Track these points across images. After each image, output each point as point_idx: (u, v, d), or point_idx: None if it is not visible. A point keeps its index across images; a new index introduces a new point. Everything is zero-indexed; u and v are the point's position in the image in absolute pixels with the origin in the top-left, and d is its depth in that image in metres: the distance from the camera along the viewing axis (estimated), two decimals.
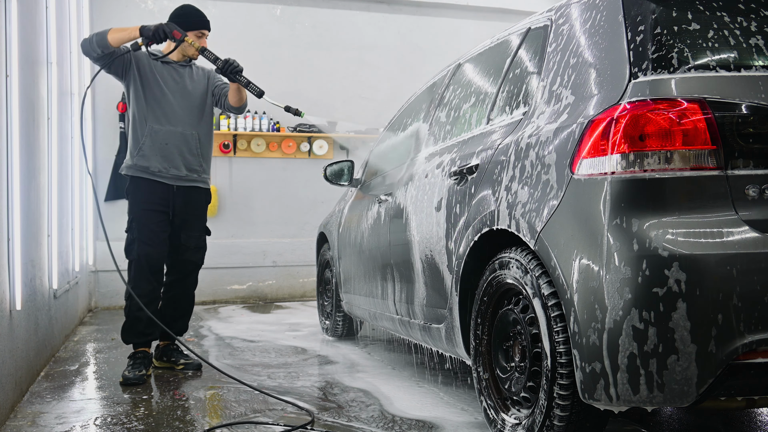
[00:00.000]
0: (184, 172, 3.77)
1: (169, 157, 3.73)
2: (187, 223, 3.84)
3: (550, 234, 2.09)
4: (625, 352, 1.86)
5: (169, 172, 3.73)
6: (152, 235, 3.68)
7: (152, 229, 3.69)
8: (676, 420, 2.85)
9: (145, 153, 3.71)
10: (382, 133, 4.52)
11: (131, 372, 3.57)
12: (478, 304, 2.54)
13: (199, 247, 3.92)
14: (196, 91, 3.85)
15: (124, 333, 3.74)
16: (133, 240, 3.67)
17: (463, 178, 2.74)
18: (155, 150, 3.70)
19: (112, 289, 6.91)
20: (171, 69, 3.80)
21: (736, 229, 1.88)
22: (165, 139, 3.72)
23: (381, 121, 7.54)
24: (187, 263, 3.90)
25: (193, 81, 3.86)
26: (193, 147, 3.80)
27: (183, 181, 3.78)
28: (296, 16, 7.70)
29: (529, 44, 2.73)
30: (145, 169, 3.71)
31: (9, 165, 2.96)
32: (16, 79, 3.04)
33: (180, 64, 3.83)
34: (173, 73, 3.79)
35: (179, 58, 3.81)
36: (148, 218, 3.68)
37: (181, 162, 3.76)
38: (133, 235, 3.67)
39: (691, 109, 1.94)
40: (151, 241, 3.66)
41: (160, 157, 3.71)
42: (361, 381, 3.57)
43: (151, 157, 3.71)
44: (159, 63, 3.77)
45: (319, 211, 7.37)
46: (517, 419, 2.32)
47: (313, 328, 5.50)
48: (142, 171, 3.71)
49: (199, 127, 3.84)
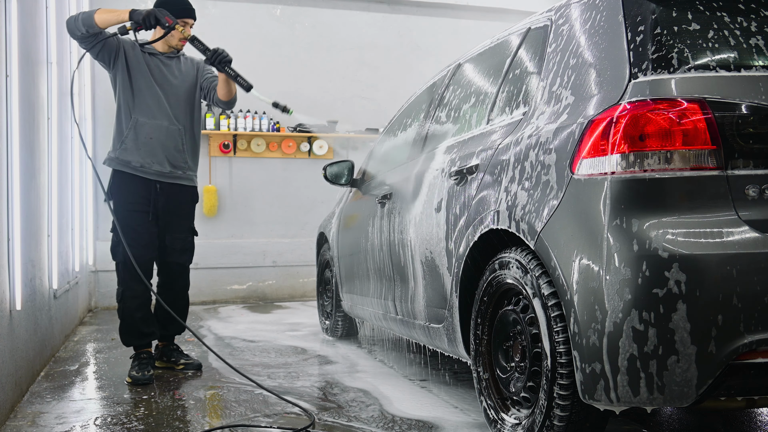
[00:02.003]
0: (167, 168, 3.67)
1: (152, 152, 3.62)
2: (171, 224, 3.74)
3: (550, 234, 2.09)
4: (625, 354, 1.86)
5: (152, 168, 3.62)
6: (137, 236, 3.58)
7: (136, 230, 3.59)
8: (676, 420, 2.85)
9: (127, 146, 3.61)
10: (382, 133, 4.52)
11: (139, 371, 3.52)
12: (478, 304, 2.54)
13: (185, 249, 3.82)
14: (183, 84, 3.75)
15: (123, 335, 3.69)
16: (118, 241, 3.57)
17: (463, 179, 2.74)
18: (139, 144, 3.60)
19: (112, 289, 6.81)
20: (158, 61, 3.70)
21: (736, 229, 1.88)
22: (149, 132, 3.61)
23: (381, 121, 7.55)
24: (173, 265, 3.81)
25: (181, 73, 3.76)
26: (179, 142, 3.70)
27: (166, 177, 3.67)
28: (296, 16, 7.70)
29: (529, 44, 2.73)
30: (127, 163, 3.61)
31: (9, 165, 2.96)
32: (16, 79, 3.04)
33: (167, 56, 3.72)
34: (161, 65, 3.69)
35: (164, 50, 3.70)
36: (131, 219, 3.59)
37: (164, 157, 3.65)
38: (118, 236, 3.56)
39: (691, 109, 1.94)
40: (135, 243, 3.56)
41: (143, 151, 3.61)
42: (361, 381, 3.57)
43: (133, 150, 3.60)
44: (147, 54, 3.66)
45: (319, 211, 7.37)
46: (517, 419, 2.32)
47: (313, 328, 5.50)
48: (124, 165, 3.61)
49: (186, 121, 3.74)
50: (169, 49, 3.72)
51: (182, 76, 3.76)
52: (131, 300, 3.62)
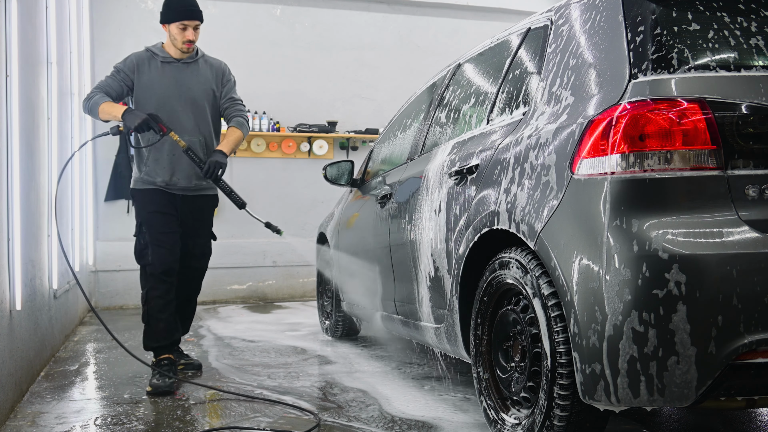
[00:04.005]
0: (193, 183, 3.61)
1: (176, 169, 3.56)
2: (193, 230, 3.70)
3: (550, 234, 2.09)
4: (625, 355, 1.86)
5: (178, 185, 3.58)
6: (164, 237, 3.53)
7: (163, 230, 3.54)
8: (676, 420, 2.85)
9: (150, 167, 3.55)
10: (382, 134, 4.52)
11: (160, 379, 3.35)
12: (478, 304, 2.53)
13: (204, 254, 3.80)
14: (201, 92, 3.62)
15: (147, 339, 3.58)
16: (145, 244, 3.53)
17: (463, 179, 2.74)
18: (162, 163, 3.54)
19: (112, 289, 6.91)
20: (173, 69, 3.59)
21: (736, 229, 1.88)
22: (171, 149, 3.54)
23: (381, 121, 7.55)
24: (192, 270, 3.76)
25: (199, 80, 3.63)
26: (201, 154, 3.59)
27: (191, 191, 3.64)
28: (296, 16, 7.70)
29: (529, 44, 2.73)
30: (152, 183, 3.57)
31: (9, 165, 2.96)
32: (16, 79, 3.04)
33: (184, 62, 3.61)
34: (176, 75, 3.58)
35: (180, 56, 3.60)
36: (156, 220, 3.53)
37: (189, 173, 3.59)
38: (145, 239, 3.54)
39: (691, 109, 1.94)
40: (163, 243, 3.51)
41: (167, 169, 3.55)
42: (361, 381, 3.57)
43: (157, 170, 3.55)
44: (159, 63, 3.57)
45: (319, 211, 7.37)
46: (517, 419, 2.32)
47: (313, 328, 5.50)
48: (150, 184, 3.57)
49: (206, 130, 3.65)
50: (184, 55, 3.61)
51: (200, 83, 3.64)
52: (156, 300, 3.51)
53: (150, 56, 3.60)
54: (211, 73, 3.69)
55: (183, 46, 3.56)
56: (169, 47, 3.61)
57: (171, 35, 3.57)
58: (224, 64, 3.77)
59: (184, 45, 3.55)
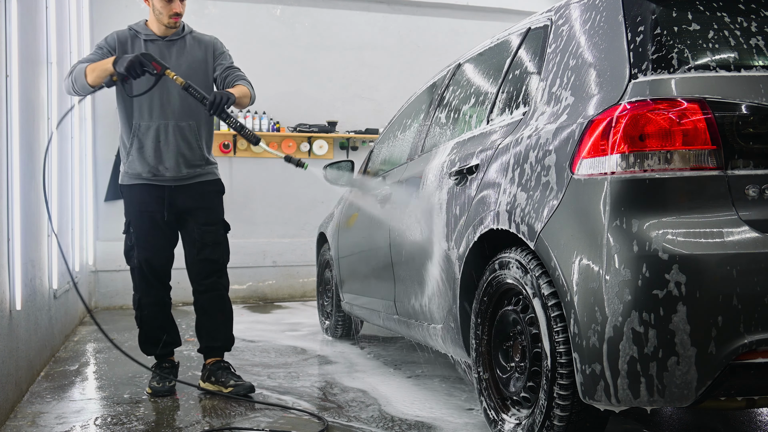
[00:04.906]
0: (184, 172, 3.28)
1: (163, 158, 3.23)
2: (198, 216, 3.34)
3: (550, 234, 2.09)
4: (625, 355, 1.86)
5: (165, 175, 3.26)
6: (150, 239, 3.30)
7: (149, 232, 3.30)
8: (676, 419, 2.85)
9: (134, 157, 3.24)
10: (381, 134, 4.52)
11: (160, 382, 3.28)
12: (478, 304, 2.54)
13: (216, 242, 3.37)
14: (189, 71, 3.24)
15: (142, 344, 3.43)
16: (132, 246, 3.32)
17: (463, 179, 2.74)
18: (145, 152, 3.22)
19: (112, 289, 6.91)
20: (158, 48, 3.24)
21: (736, 229, 1.88)
22: (157, 136, 3.22)
23: (381, 121, 7.54)
24: (206, 263, 3.36)
25: (187, 59, 3.28)
26: (192, 140, 3.28)
27: (184, 180, 3.31)
28: (296, 16, 7.70)
29: (529, 44, 2.73)
30: (137, 175, 3.26)
31: (9, 165, 2.96)
32: (16, 79, 3.04)
33: (169, 40, 3.27)
34: (162, 54, 3.23)
35: (164, 33, 3.25)
36: (143, 221, 3.29)
37: (178, 161, 3.26)
38: (132, 240, 3.32)
39: (691, 109, 1.94)
40: (149, 246, 3.29)
41: (152, 158, 3.22)
42: (361, 381, 3.57)
43: (141, 160, 3.23)
44: (142, 42, 3.23)
45: (319, 211, 7.36)
46: (517, 419, 2.32)
47: (313, 328, 5.50)
48: (136, 177, 3.27)
49: (197, 113, 3.26)
50: (169, 32, 3.26)
51: (189, 62, 3.28)
52: (149, 307, 3.36)
53: (133, 35, 3.27)
54: (200, 50, 3.33)
55: (169, 20, 3.21)
56: (153, 24, 3.27)
57: (155, 9, 3.22)
58: (215, 38, 3.41)
59: (171, 19, 3.21)
